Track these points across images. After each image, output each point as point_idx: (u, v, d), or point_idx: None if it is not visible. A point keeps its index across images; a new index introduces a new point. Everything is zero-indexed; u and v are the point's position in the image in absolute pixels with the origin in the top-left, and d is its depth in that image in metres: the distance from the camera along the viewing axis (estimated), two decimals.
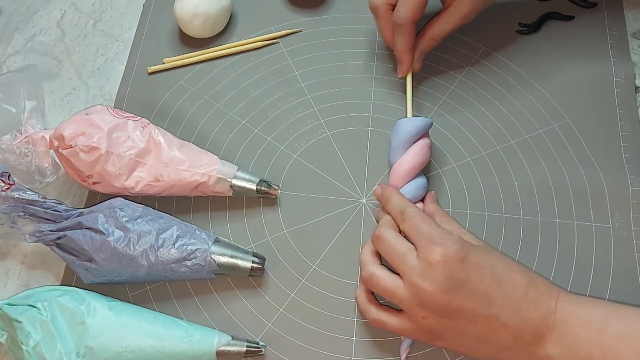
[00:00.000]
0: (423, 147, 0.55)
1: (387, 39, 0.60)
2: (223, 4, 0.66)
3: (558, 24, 0.67)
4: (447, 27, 0.59)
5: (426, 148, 0.55)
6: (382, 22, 0.59)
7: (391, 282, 0.46)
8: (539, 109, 0.61)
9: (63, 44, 0.71)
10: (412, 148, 0.55)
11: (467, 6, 0.58)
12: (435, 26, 0.59)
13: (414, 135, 0.55)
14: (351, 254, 0.55)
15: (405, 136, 0.55)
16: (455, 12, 0.58)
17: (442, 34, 0.59)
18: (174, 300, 0.54)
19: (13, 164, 0.55)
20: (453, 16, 0.58)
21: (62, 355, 0.46)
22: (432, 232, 0.45)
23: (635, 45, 0.65)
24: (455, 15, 0.58)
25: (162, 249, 0.51)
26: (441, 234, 0.45)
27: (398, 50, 0.59)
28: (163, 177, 0.54)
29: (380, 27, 0.60)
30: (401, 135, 0.55)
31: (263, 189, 0.56)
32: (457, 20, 0.58)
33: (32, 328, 0.46)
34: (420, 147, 0.55)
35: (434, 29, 0.59)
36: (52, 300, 0.48)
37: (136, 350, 0.47)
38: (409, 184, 0.54)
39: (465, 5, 0.58)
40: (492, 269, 0.44)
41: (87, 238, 0.50)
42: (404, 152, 0.55)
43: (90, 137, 0.53)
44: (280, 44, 0.68)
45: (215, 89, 0.65)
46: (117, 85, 0.67)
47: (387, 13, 0.58)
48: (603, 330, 0.41)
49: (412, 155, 0.54)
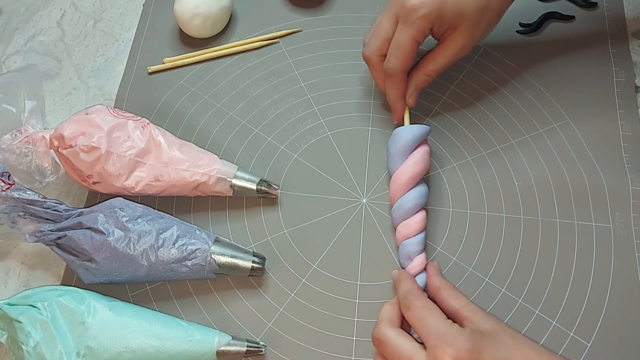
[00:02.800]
0: (423, 155, 0.54)
1: (380, 88, 0.58)
2: (223, 4, 0.66)
3: (558, 24, 0.67)
4: (443, 63, 0.56)
5: (426, 156, 0.55)
6: (375, 73, 0.58)
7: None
8: (539, 109, 0.61)
9: (63, 43, 0.71)
10: (412, 156, 0.54)
11: (463, 40, 0.55)
12: (431, 62, 0.56)
13: (412, 143, 0.54)
14: (351, 253, 0.55)
15: (405, 144, 0.54)
16: (451, 46, 0.55)
17: (437, 69, 0.57)
18: (174, 300, 0.54)
19: (13, 163, 0.55)
20: (448, 51, 0.55)
21: (62, 355, 0.46)
22: (441, 329, 0.43)
23: (636, 45, 0.65)
24: (450, 49, 0.55)
25: (162, 248, 0.51)
26: (451, 331, 0.42)
27: (390, 99, 0.57)
28: (163, 177, 0.54)
29: (373, 76, 0.58)
30: (400, 144, 0.54)
31: (263, 188, 0.56)
32: (452, 55, 0.56)
33: (32, 328, 0.46)
34: (420, 155, 0.54)
35: (429, 65, 0.56)
36: (52, 300, 0.48)
37: (136, 350, 0.47)
38: (410, 192, 0.54)
39: (460, 39, 0.55)
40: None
41: (87, 238, 0.50)
42: (403, 161, 0.54)
43: (90, 137, 0.53)
44: (280, 44, 0.68)
45: (215, 88, 0.65)
46: (117, 85, 0.67)
47: (379, 64, 0.56)
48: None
49: (412, 163, 0.54)
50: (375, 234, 0.56)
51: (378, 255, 0.55)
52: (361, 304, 0.53)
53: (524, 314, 0.52)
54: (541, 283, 0.53)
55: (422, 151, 0.54)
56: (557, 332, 0.51)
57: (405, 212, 0.53)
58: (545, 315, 0.51)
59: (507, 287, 0.53)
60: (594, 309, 0.51)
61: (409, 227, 0.53)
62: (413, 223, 0.53)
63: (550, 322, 0.51)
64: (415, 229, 0.52)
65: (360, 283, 0.54)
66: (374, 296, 0.53)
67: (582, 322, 0.51)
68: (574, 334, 0.50)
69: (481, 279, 0.53)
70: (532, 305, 0.52)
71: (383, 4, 0.70)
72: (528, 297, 0.52)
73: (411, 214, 0.53)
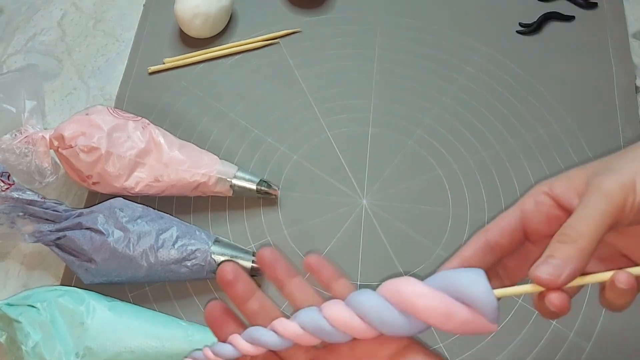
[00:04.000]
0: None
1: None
2: (223, 4, 0.66)
3: (558, 24, 0.67)
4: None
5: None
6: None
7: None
8: (539, 109, 0.61)
9: (64, 43, 0.71)
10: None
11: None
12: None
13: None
14: (351, 254, 0.55)
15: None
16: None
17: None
18: (173, 301, 0.54)
19: (13, 164, 0.55)
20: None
21: (61, 355, 0.46)
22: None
23: (636, 46, 0.65)
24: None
25: (162, 249, 0.51)
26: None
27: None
28: (163, 177, 0.54)
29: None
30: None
31: (263, 189, 0.56)
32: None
33: (32, 328, 0.46)
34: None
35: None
36: (51, 300, 0.48)
37: (136, 350, 0.47)
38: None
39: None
40: None
41: (86, 238, 0.50)
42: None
43: (90, 137, 0.53)
44: (280, 44, 0.68)
45: (216, 89, 0.65)
46: (117, 85, 0.67)
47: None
48: None
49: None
50: (375, 234, 0.56)
51: (378, 255, 0.55)
52: None
53: (524, 315, 0.51)
54: None
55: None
56: (557, 332, 0.51)
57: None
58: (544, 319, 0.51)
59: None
60: (594, 309, 0.51)
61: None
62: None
63: (550, 323, 0.51)
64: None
65: (360, 283, 0.54)
66: None
67: (582, 322, 0.51)
68: (574, 334, 0.50)
69: None
70: (532, 305, 0.52)
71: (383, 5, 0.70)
72: (528, 298, 0.52)
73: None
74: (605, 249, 0.34)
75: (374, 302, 0.30)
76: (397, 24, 0.69)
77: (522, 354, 0.50)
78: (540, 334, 0.51)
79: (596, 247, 0.30)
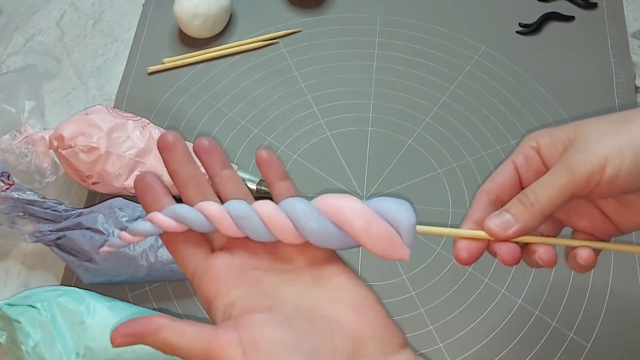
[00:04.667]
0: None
1: None
2: (223, 4, 0.66)
3: (558, 24, 0.67)
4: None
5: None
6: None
7: None
8: (539, 109, 0.61)
9: (63, 44, 0.71)
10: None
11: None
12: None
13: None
14: (351, 253, 0.55)
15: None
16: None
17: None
18: (173, 301, 0.54)
19: (13, 164, 0.55)
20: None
21: (61, 355, 0.46)
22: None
23: (636, 46, 0.65)
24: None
25: (161, 249, 0.50)
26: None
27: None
28: (163, 177, 0.54)
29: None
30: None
31: (263, 188, 0.56)
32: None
33: (32, 328, 0.46)
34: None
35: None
36: (51, 300, 0.48)
37: (136, 350, 0.47)
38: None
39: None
40: None
41: (86, 238, 0.50)
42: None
43: (89, 137, 0.53)
44: (280, 44, 0.68)
45: (215, 89, 0.65)
46: (116, 85, 0.67)
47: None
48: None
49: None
50: None
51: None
52: None
53: (524, 315, 0.51)
54: (541, 283, 0.53)
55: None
56: (557, 333, 0.51)
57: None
58: (545, 316, 0.51)
59: (506, 288, 0.53)
60: (594, 309, 0.51)
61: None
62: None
63: (550, 323, 0.51)
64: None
65: None
66: None
67: (582, 322, 0.51)
68: (573, 335, 0.50)
69: (481, 279, 0.53)
70: (532, 305, 0.52)
71: (383, 4, 0.70)
72: (528, 298, 0.52)
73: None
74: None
75: (307, 209, 0.31)
76: (396, 24, 0.69)
77: (523, 354, 0.50)
78: (541, 333, 0.51)
79: (550, 213, 0.32)
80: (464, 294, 0.53)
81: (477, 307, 0.52)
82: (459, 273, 0.54)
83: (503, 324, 0.51)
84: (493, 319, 0.51)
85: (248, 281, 0.31)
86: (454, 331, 0.51)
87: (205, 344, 0.28)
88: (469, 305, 0.52)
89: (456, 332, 0.51)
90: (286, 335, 0.28)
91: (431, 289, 0.53)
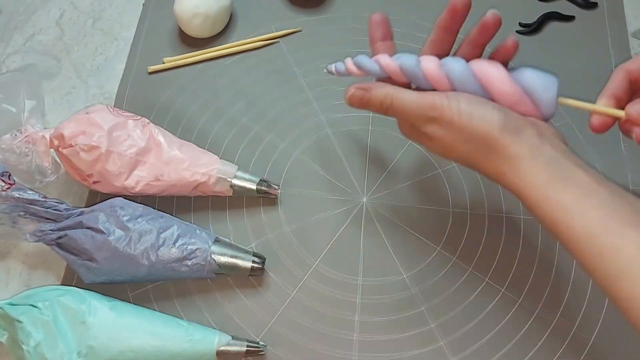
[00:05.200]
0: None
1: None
2: (223, 4, 0.66)
3: (558, 24, 0.67)
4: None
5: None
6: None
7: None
8: None
9: (62, 43, 0.71)
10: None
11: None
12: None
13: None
14: (351, 252, 0.55)
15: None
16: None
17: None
18: (174, 300, 0.54)
19: (13, 163, 0.55)
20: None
21: (63, 355, 0.46)
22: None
23: (636, 45, 0.65)
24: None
25: (162, 248, 0.51)
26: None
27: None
28: (163, 176, 0.54)
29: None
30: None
31: (263, 188, 0.56)
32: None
33: (33, 328, 0.46)
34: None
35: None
36: (53, 300, 0.48)
37: (137, 349, 0.47)
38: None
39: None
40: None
41: (87, 237, 0.50)
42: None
43: (90, 136, 0.53)
44: (280, 44, 0.68)
45: (215, 88, 0.65)
46: (116, 84, 0.67)
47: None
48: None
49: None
50: (375, 233, 0.56)
51: (378, 253, 0.55)
52: (362, 303, 0.53)
53: (524, 314, 0.52)
54: (541, 283, 0.53)
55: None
56: (557, 333, 0.51)
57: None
58: (546, 315, 0.52)
59: (507, 287, 0.53)
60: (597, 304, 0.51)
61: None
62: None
63: (550, 323, 0.51)
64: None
65: (361, 284, 0.54)
66: (375, 295, 0.53)
67: (582, 321, 0.51)
68: (576, 330, 0.51)
69: (481, 279, 0.53)
70: (532, 305, 0.52)
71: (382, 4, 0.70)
72: (528, 297, 0.52)
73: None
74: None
75: (463, 70, 0.42)
76: (396, 23, 0.69)
77: (526, 349, 0.50)
78: (544, 328, 0.51)
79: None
80: (464, 292, 0.53)
81: (478, 305, 0.52)
82: (459, 272, 0.54)
83: (504, 321, 0.51)
84: (494, 316, 0.52)
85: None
86: (455, 329, 0.51)
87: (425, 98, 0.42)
88: (469, 304, 0.52)
89: (457, 330, 0.51)
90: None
91: (431, 288, 0.53)
